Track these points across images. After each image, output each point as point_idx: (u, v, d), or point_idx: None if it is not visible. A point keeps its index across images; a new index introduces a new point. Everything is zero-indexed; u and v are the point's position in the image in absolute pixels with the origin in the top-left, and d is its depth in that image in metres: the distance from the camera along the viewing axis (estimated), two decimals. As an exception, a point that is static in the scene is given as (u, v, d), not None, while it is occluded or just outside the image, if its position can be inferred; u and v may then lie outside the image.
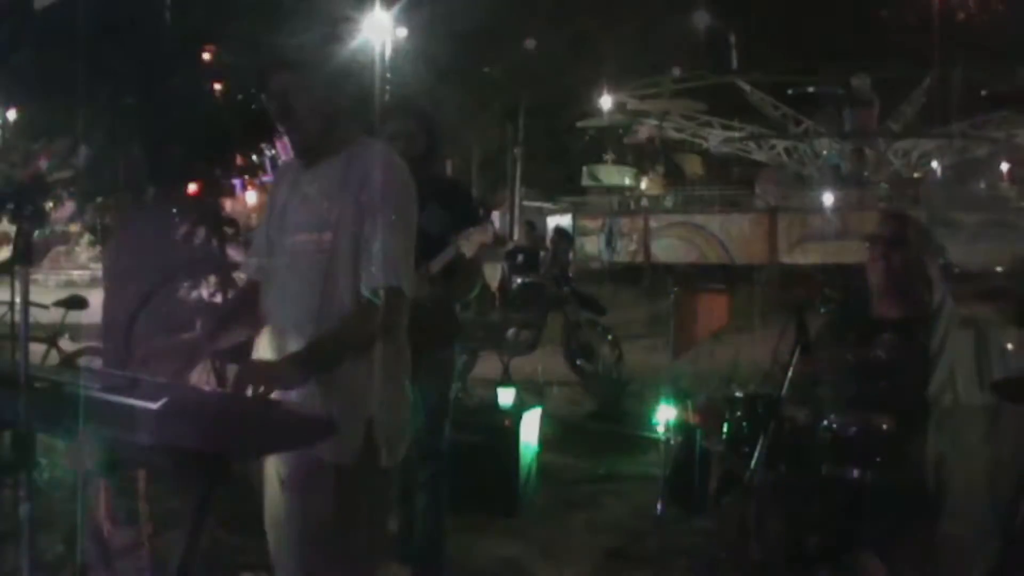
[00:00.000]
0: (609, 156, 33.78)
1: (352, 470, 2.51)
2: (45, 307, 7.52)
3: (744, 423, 3.70)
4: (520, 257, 12.26)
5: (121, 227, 5.93)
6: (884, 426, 2.98)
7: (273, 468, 2.67)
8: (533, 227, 19.04)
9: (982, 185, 29.30)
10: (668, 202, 27.25)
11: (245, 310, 2.74)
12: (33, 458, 2.12)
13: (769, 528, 2.85)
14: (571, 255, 14.41)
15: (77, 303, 7.97)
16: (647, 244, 22.92)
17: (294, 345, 2.51)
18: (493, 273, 10.55)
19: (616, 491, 5.89)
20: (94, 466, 2.31)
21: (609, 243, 23.63)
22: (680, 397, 4.93)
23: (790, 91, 29.18)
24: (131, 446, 2.18)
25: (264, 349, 2.64)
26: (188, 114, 5.58)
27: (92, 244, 7.19)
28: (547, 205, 30.26)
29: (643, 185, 31.72)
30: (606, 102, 31.45)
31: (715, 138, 30.15)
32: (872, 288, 3.34)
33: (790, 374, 2.94)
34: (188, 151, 5.71)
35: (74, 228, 7.03)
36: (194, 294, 6.10)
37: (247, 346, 2.72)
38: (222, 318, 2.80)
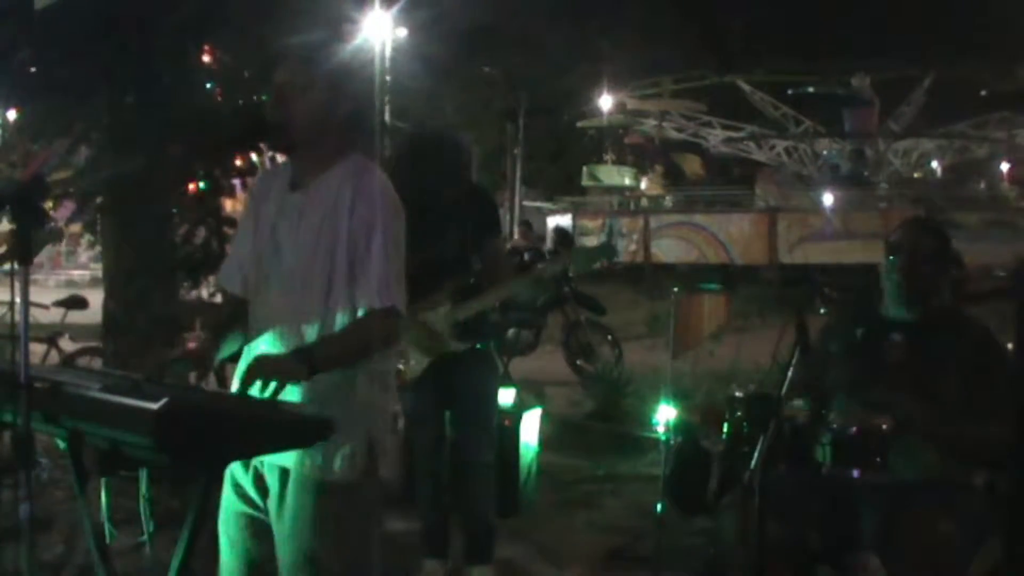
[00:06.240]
0: (609, 156, 33.78)
1: (359, 485, 2.56)
2: (45, 307, 7.52)
3: (744, 423, 3.69)
4: (521, 257, 12.26)
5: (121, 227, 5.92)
6: (884, 426, 2.98)
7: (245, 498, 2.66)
8: (530, 227, 19.10)
9: (982, 185, 29.32)
10: (668, 202, 27.27)
11: (238, 321, 2.74)
12: (33, 458, 2.12)
13: (769, 528, 2.84)
14: (571, 255, 14.37)
15: (77, 303, 7.98)
16: (647, 244, 22.94)
17: None
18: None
19: (616, 491, 5.89)
20: (94, 466, 2.31)
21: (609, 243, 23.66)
22: (680, 397, 4.92)
23: (790, 91, 29.20)
24: (131, 446, 2.18)
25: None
26: (187, 114, 5.58)
27: (92, 244, 7.19)
28: (547, 205, 30.26)
29: (643, 185, 31.71)
30: (606, 102, 31.48)
31: (715, 138, 30.17)
32: (886, 291, 3.34)
33: (790, 374, 2.93)
34: (188, 151, 5.71)
35: (74, 228, 7.02)
36: (193, 294, 6.11)
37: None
38: (220, 326, 2.78)
